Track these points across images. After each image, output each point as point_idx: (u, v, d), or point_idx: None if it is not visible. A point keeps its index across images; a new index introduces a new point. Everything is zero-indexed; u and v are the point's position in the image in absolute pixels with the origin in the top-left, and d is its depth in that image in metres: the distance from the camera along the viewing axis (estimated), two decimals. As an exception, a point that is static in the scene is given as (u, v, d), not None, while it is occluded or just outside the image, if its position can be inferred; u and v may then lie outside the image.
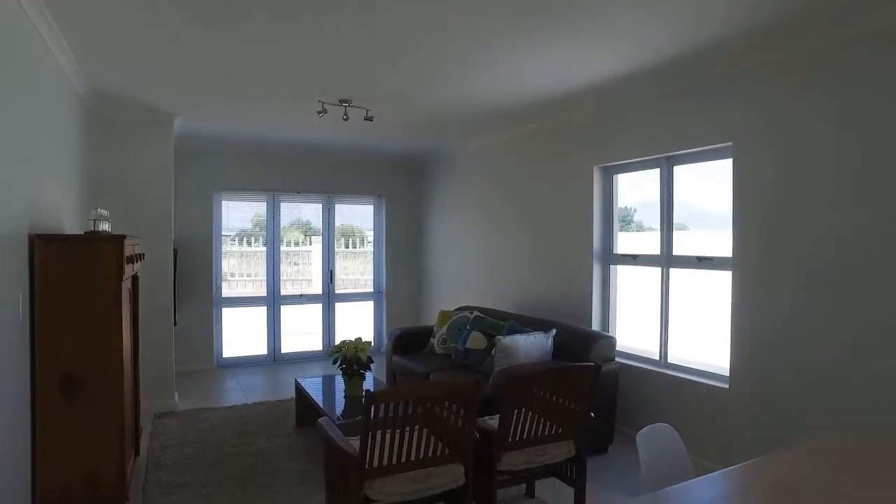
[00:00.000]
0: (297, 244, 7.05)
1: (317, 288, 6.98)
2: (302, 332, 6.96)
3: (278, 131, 5.50)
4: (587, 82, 3.86)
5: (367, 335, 7.17)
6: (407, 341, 5.12)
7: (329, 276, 6.94)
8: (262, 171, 6.47)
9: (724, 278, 3.69)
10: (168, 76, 3.78)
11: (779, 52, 3.19)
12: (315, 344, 6.93)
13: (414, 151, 6.64)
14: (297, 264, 7.04)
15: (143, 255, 3.57)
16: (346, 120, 4.36)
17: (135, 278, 3.46)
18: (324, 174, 6.80)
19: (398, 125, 5.16)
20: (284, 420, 4.42)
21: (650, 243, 4.21)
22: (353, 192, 7.02)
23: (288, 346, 6.74)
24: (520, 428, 2.70)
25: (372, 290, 7.31)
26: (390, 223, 7.23)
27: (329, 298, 6.97)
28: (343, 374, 3.87)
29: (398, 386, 4.62)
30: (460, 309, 5.40)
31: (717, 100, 3.57)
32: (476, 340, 4.61)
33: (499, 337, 3.89)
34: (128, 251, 2.87)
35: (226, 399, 5.17)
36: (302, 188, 6.69)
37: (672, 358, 4.03)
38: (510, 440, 2.69)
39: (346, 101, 4.29)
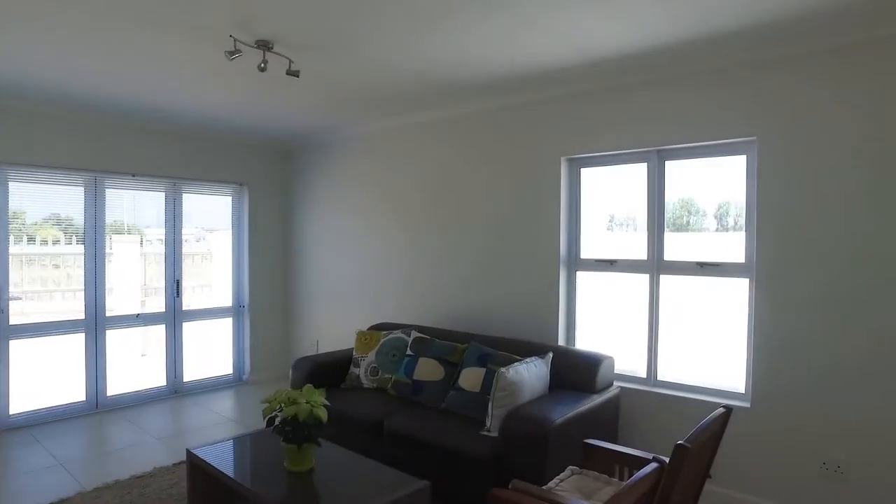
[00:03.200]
0: (123, 245, 5.18)
1: (157, 304, 5.22)
2: (136, 364, 5.16)
3: (114, 85, 3.81)
4: (559, 61, 3.25)
5: (225, 363, 5.66)
6: (319, 374, 3.90)
7: (174, 287, 5.23)
8: (77, 144, 4.56)
9: (733, 286, 3.33)
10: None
11: (810, 45, 2.87)
12: (155, 379, 5.17)
13: (297, 130, 5.30)
14: (129, 273, 5.18)
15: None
16: (262, 70, 3.05)
17: None
18: (169, 154, 5.09)
19: (317, 90, 3.90)
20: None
21: (634, 247, 3.69)
22: (207, 178, 5.40)
23: (116, 386, 4.90)
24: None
25: (230, 304, 5.74)
26: (255, 219, 5.75)
27: (175, 317, 5.26)
28: (284, 441, 2.61)
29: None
30: (382, 327, 4.33)
31: (736, 90, 3.15)
32: (429, 370, 3.64)
33: (502, 370, 2.99)
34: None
35: (28, 490, 3.34)
36: (139, 170, 4.91)
37: (662, 376, 3.57)
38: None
39: (264, 44, 2.99)
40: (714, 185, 3.48)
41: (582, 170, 3.92)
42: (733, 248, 3.31)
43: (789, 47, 2.93)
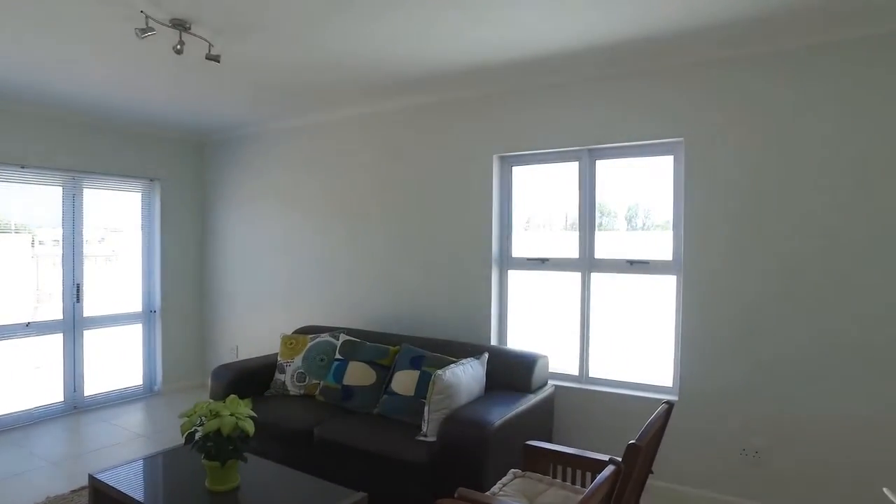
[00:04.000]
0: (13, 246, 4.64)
1: (53, 311, 4.71)
2: (29, 379, 4.63)
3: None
4: (494, 56, 3.19)
5: (134, 373, 5.23)
6: (242, 382, 3.65)
7: (74, 292, 4.75)
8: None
9: (662, 284, 3.42)
10: None
11: (736, 51, 3.00)
12: (51, 394, 4.66)
13: (216, 122, 4.96)
14: (16, 277, 4.64)
15: None
16: (178, 53, 2.78)
17: None
18: (68, 144, 4.61)
19: (239, 78, 3.64)
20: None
21: (565, 245, 3.72)
22: (114, 172, 4.94)
23: (2, 405, 4.36)
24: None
25: (140, 309, 5.29)
26: (168, 217, 5.34)
27: (74, 325, 4.77)
28: (205, 458, 2.38)
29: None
30: (309, 331, 4.13)
31: (666, 91, 3.23)
32: (360, 374, 3.49)
33: (438, 373, 2.89)
34: None
35: None
36: (29, 161, 4.41)
37: (594, 373, 3.61)
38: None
39: (180, 24, 2.74)
40: (631, 185, 3.57)
41: (514, 168, 3.91)
42: (661, 246, 3.41)
43: (716, 51, 3.03)
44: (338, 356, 3.66)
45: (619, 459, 1.53)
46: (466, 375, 2.97)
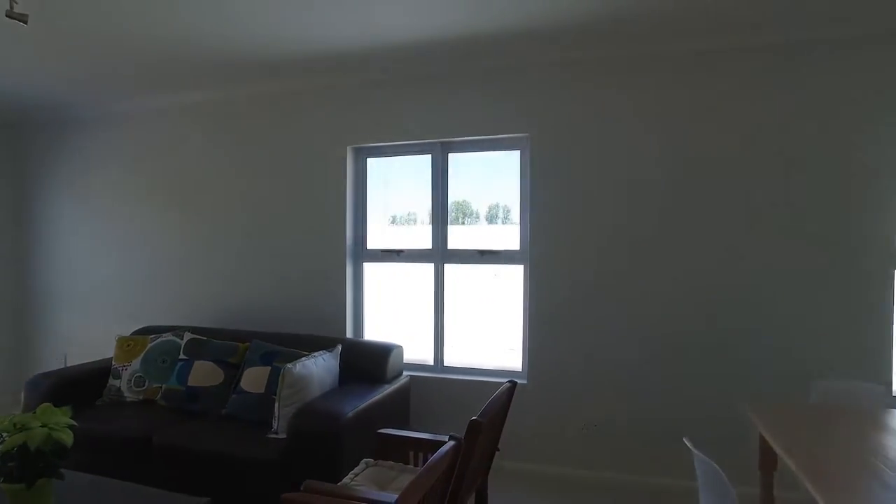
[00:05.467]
0: None
1: None
2: None
3: None
4: (346, 46, 3.19)
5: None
6: (65, 391, 3.26)
7: None
8: None
9: (512, 273, 3.61)
10: None
11: (582, 52, 3.24)
12: None
13: (32, 101, 4.33)
14: None
15: None
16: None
17: None
18: None
19: (56, 49, 3.21)
20: None
21: (419, 237, 3.79)
22: None
23: None
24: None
25: (-66, 315, 4.50)
26: (-31, 208, 4.60)
27: None
28: (4, 481, 2.08)
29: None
30: (150, 331, 3.79)
31: (514, 88, 3.42)
32: (206, 374, 3.29)
33: (288, 366, 2.79)
34: None
35: None
36: None
37: (450, 361, 3.72)
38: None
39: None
40: (490, 182, 3.74)
41: (368, 160, 3.90)
42: (511, 238, 3.60)
43: (560, 52, 3.24)
44: (182, 356, 3.41)
45: (460, 436, 1.60)
46: (318, 368, 2.92)
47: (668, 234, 3.17)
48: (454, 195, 3.74)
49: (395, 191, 3.94)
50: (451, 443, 1.55)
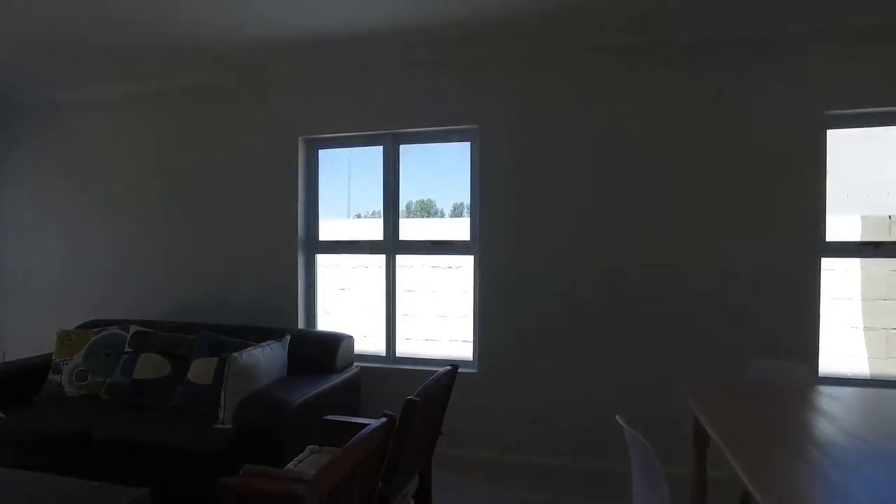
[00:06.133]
0: None
1: None
2: None
3: None
4: (294, 35, 3.18)
5: None
6: (4, 387, 3.16)
7: None
8: None
9: (465, 264, 3.66)
10: None
11: (528, 46, 3.30)
12: None
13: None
14: None
15: None
16: None
17: None
18: None
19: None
20: None
21: (373, 228, 3.80)
22: None
23: None
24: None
25: None
26: None
27: None
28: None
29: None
30: (95, 325, 3.70)
31: (464, 80, 3.46)
32: (152, 366, 3.24)
33: (234, 355, 2.77)
34: None
35: None
36: None
37: (402, 351, 3.74)
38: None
39: None
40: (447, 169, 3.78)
41: (320, 151, 3.89)
42: (465, 229, 3.64)
43: (508, 46, 3.30)
44: (127, 349, 3.35)
45: (393, 413, 1.62)
46: (265, 358, 2.91)
47: (605, 222, 3.26)
48: (418, 194, 3.77)
49: (359, 187, 3.95)
50: (383, 419, 1.58)
